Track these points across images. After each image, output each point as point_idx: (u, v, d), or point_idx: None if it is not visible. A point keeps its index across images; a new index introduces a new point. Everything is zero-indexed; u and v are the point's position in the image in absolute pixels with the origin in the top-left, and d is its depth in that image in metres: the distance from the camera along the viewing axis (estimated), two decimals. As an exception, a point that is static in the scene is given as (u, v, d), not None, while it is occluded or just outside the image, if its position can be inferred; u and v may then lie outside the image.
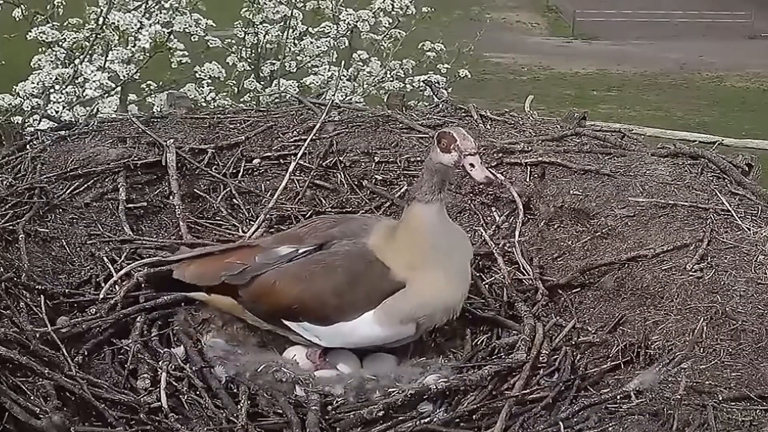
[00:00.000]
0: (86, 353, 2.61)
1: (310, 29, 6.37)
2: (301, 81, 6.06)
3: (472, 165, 2.52)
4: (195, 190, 3.61)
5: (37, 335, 2.54)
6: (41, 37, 5.05)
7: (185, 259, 2.80)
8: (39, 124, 4.45)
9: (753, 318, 2.58)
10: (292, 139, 3.83)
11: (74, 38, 5.18)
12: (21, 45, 5.36)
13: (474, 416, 2.45)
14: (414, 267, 2.63)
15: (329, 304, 2.61)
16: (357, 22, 6.24)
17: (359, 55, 6.28)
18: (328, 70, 6.03)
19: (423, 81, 5.97)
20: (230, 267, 2.69)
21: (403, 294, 2.61)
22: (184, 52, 5.44)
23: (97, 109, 5.08)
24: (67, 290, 2.93)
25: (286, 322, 2.66)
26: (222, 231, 3.45)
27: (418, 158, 3.74)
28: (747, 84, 17.82)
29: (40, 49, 5.25)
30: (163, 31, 5.04)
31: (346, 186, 3.69)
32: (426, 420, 2.41)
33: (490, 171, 2.59)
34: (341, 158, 3.74)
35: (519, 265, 3.22)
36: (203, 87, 5.73)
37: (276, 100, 5.51)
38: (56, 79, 4.84)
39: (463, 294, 2.72)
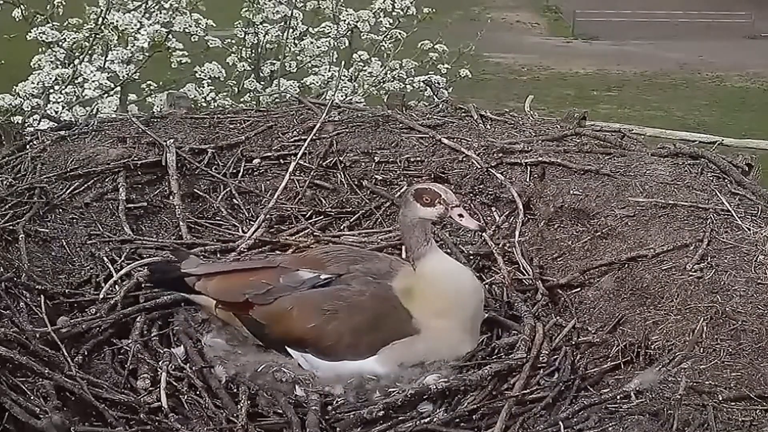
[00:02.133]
0: (86, 353, 2.62)
1: (310, 29, 6.38)
2: (302, 81, 6.06)
3: (461, 215, 2.65)
4: (195, 190, 3.62)
5: (37, 335, 2.55)
6: (41, 37, 5.05)
7: (208, 274, 2.77)
8: (39, 124, 4.45)
9: (753, 318, 2.58)
10: (292, 139, 3.83)
11: (74, 38, 5.18)
12: (21, 45, 5.35)
13: (474, 416, 2.45)
14: (437, 317, 2.63)
15: (344, 342, 2.59)
16: (357, 22, 6.24)
17: (359, 56, 6.28)
18: (329, 70, 6.03)
19: (423, 81, 5.97)
20: (254, 285, 2.67)
21: (412, 340, 2.61)
22: (184, 52, 5.44)
23: (97, 109, 5.08)
24: (67, 290, 2.93)
25: (289, 349, 2.64)
26: (222, 231, 3.45)
27: (418, 158, 3.74)
28: (747, 84, 17.80)
29: (40, 49, 5.25)
30: (162, 31, 5.04)
31: (346, 186, 3.69)
32: (426, 420, 2.42)
33: (477, 218, 2.75)
34: (341, 158, 3.74)
35: (519, 265, 3.22)
36: (203, 87, 5.72)
37: (276, 100, 5.51)
38: (56, 79, 4.84)
39: (468, 352, 2.71)
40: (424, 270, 2.66)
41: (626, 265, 2.99)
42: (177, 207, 3.42)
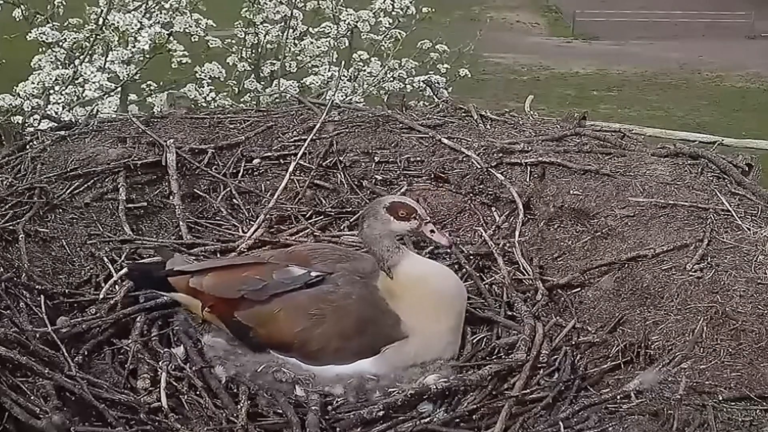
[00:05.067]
0: (86, 353, 2.62)
1: (310, 29, 6.38)
2: (301, 81, 6.06)
3: (433, 231, 2.66)
4: (195, 190, 3.62)
5: (37, 335, 2.54)
6: (41, 38, 5.05)
7: (201, 271, 2.75)
8: (39, 124, 4.44)
9: (753, 318, 2.57)
10: (292, 139, 3.83)
11: (74, 39, 5.18)
12: (21, 45, 5.36)
13: (474, 416, 2.45)
14: (424, 319, 2.61)
15: (330, 347, 2.57)
16: (357, 22, 6.25)
17: (359, 56, 6.28)
18: (329, 71, 6.02)
19: (423, 81, 5.98)
20: (249, 281, 2.65)
21: (403, 344, 2.59)
22: (185, 53, 5.43)
23: (97, 109, 5.08)
24: (67, 290, 2.93)
25: (274, 353, 2.62)
26: (222, 231, 3.45)
27: (418, 158, 3.75)
28: (747, 84, 17.83)
29: (40, 50, 5.25)
30: (163, 32, 5.04)
31: (346, 186, 3.69)
32: (426, 420, 2.41)
33: (446, 234, 2.78)
34: (341, 158, 3.74)
35: (519, 265, 3.22)
36: (203, 87, 5.72)
37: (276, 100, 5.51)
38: (56, 79, 4.83)
39: (455, 352, 2.71)
40: (400, 277, 2.63)
41: (626, 265, 2.98)
42: (177, 207, 3.42)
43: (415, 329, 2.59)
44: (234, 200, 3.61)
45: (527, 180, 3.56)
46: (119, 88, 5.19)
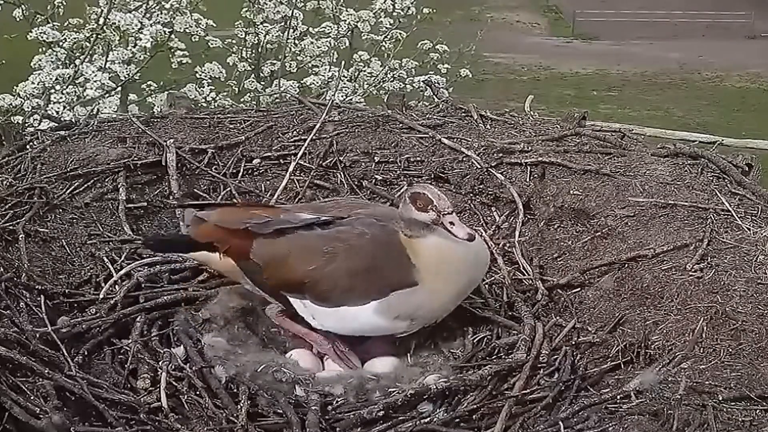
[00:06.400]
0: (86, 353, 2.61)
1: (310, 29, 6.38)
2: (302, 81, 6.06)
3: (452, 223, 2.61)
4: (195, 190, 3.61)
5: (37, 335, 2.54)
6: (42, 38, 5.05)
7: (211, 204, 2.85)
8: (39, 124, 4.44)
9: (753, 318, 2.57)
10: (292, 139, 3.83)
11: (75, 38, 5.18)
12: (21, 45, 5.36)
13: (474, 416, 2.45)
14: (437, 274, 2.61)
15: (340, 286, 2.59)
16: (357, 22, 6.25)
17: (360, 56, 6.28)
18: (329, 71, 6.03)
19: (423, 81, 5.97)
20: (255, 217, 2.70)
21: (412, 292, 2.60)
22: (185, 53, 5.44)
23: (98, 109, 5.08)
24: (67, 290, 2.92)
25: (288, 296, 2.67)
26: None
27: (418, 158, 3.74)
28: (747, 84, 17.85)
29: (40, 50, 5.24)
30: (164, 31, 5.04)
31: (346, 186, 3.68)
32: (426, 420, 2.41)
33: (469, 227, 2.69)
34: (341, 158, 3.74)
35: (519, 265, 3.22)
36: (203, 87, 5.72)
37: (276, 100, 5.51)
38: (57, 79, 4.83)
39: (445, 315, 2.73)
40: (422, 242, 2.64)
41: (626, 265, 2.98)
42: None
43: (425, 279, 2.60)
44: (234, 200, 3.61)
45: (527, 180, 3.56)
46: (119, 88, 5.19)
